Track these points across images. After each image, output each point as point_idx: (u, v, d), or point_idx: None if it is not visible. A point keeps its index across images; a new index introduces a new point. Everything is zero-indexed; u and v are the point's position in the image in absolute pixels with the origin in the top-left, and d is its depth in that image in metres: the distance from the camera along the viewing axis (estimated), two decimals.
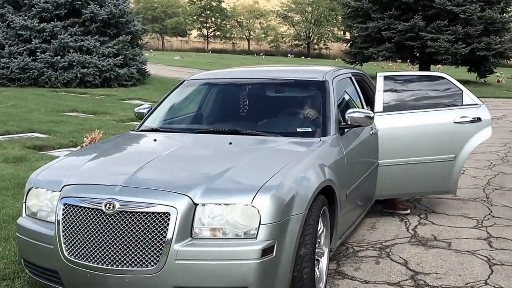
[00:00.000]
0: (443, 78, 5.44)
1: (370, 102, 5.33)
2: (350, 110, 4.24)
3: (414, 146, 5.13)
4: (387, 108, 5.15)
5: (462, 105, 5.33)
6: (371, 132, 4.81)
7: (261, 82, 4.83)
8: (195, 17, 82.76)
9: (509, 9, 32.86)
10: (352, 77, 5.18)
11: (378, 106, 5.13)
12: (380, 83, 5.26)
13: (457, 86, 5.39)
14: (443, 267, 4.13)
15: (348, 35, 37.15)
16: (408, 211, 5.53)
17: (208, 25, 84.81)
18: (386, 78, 5.33)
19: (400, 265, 4.15)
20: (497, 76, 39.09)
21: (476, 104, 5.33)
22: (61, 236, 3.12)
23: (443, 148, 5.19)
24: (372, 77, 5.87)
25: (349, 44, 35.92)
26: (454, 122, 5.20)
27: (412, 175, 5.14)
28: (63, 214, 3.14)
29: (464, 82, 35.93)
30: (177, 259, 2.90)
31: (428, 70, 34.26)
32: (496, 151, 9.40)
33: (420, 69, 34.58)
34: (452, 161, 5.20)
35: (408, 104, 5.31)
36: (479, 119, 5.23)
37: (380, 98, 5.18)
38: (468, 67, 34.01)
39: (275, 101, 4.78)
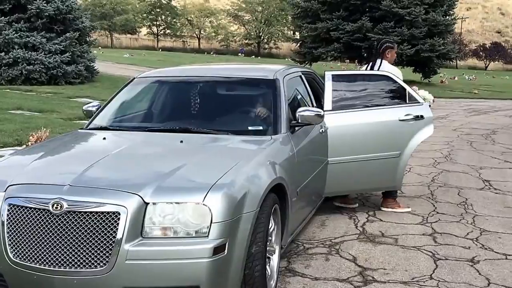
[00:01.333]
0: (388, 77, 5.58)
1: (320, 100, 5.40)
2: (300, 109, 4.29)
3: (362, 144, 5.24)
4: (336, 107, 5.23)
5: (406, 103, 5.49)
6: (321, 130, 4.88)
7: (212, 80, 4.83)
8: (144, 15, 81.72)
9: (452, 12, 33.97)
10: (303, 76, 5.24)
11: (327, 104, 5.21)
12: (328, 82, 5.34)
13: (401, 85, 5.55)
14: (390, 262, 4.24)
15: (297, 35, 37.49)
16: (357, 205, 5.79)
17: (158, 23, 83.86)
18: (334, 77, 5.41)
19: (349, 262, 4.23)
20: (441, 76, 40.38)
21: (419, 102, 5.50)
22: (6, 238, 3.01)
23: (389, 145, 5.33)
24: (321, 77, 5.95)
25: (298, 44, 36.29)
26: (399, 120, 5.35)
27: (361, 172, 5.25)
28: (8, 215, 3.04)
29: (410, 82, 36.88)
30: (127, 259, 2.85)
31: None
32: (440, 150, 9.72)
33: (367, 69, 35.29)
34: (397, 158, 5.35)
35: (356, 102, 5.42)
36: (422, 117, 5.41)
37: (329, 96, 5.26)
38: (413, 67, 34.96)
39: (226, 100, 4.78)
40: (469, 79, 51.28)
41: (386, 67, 5.98)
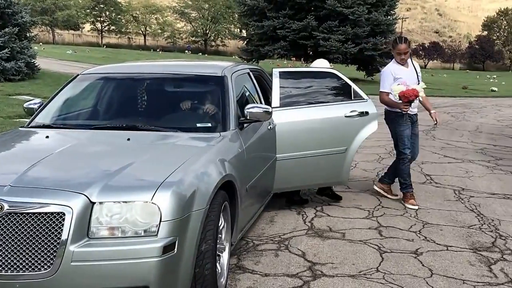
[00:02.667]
0: (333, 74, 5.69)
1: (268, 97, 5.42)
2: (249, 105, 4.29)
3: (309, 140, 5.30)
4: (284, 104, 5.27)
5: (351, 99, 5.60)
6: (269, 127, 4.90)
7: (160, 77, 4.75)
8: (88, 10, 79.62)
9: (393, 12, 34.89)
10: (251, 73, 5.25)
11: (275, 101, 5.24)
12: (276, 79, 5.37)
13: (346, 82, 5.67)
14: (338, 257, 4.31)
15: (244, 33, 37.58)
16: (398, 197, 6.15)
17: (102, 19, 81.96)
18: (282, 74, 5.45)
19: (298, 257, 4.27)
20: None
21: (363, 99, 5.64)
22: None
23: (335, 141, 5.43)
24: (269, 74, 5.97)
25: (245, 42, 36.42)
26: (345, 116, 5.45)
27: (308, 168, 5.31)
28: None
29: (354, 80, 37.62)
30: (73, 261, 2.77)
31: None
32: (384, 145, 9.95)
33: None
34: (343, 153, 5.46)
35: (303, 99, 5.48)
36: (367, 113, 5.54)
37: (277, 93, 5.29)
38: (357, 65, 35.71)
39: (174, 96, 4.72)
40: None
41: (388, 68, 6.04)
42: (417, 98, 5.77)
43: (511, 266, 4.27)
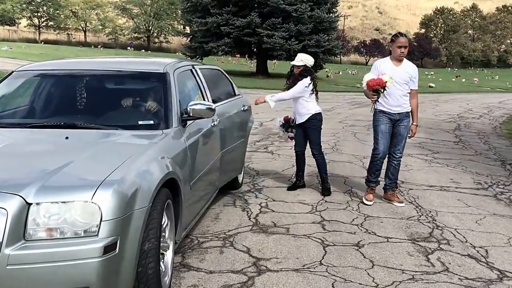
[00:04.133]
0: (219, 71, 5.92)
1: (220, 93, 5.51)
2: (192, 102, 4.26)
3: (231, 134, 5.54)
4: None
5: (236, 95, 6.20)
6: (212, 124, 4.89)
7: (100, 74, 4.64)
8: (24, 5, 76.81)
9: (335, 10, 35.51)
10: (194, 70, 5.20)
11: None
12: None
13: (228, 78, 6.08)
14: (283, 251, 4.35)
15: (188, 29, 37.28)
16: (403, 204, 5.91)
17: (39, 14, 79.28)
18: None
19: (243, 253, 4.28)
20: (326, 71, 42.12)
21: (240, 95, 6.24)
22: None
23: (241, 134, 5.94)
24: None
25: (189, 38, 36.17)
26: (243, 111, 6.01)
27: (230, 162, 5.53)
28: None
29: None
30: (8, 265, 2.67)
31: (265, 64, 35.83)
32: (327, 141, 10.10)
33: (257, 64, 35.99)
34: (244, 145, 6.10)
35: (214, 95, 5.49)
36: (249, 107, 6.38)
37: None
38: None
39: (115, 94, 4.63)
40: (352, 74, 53.99)
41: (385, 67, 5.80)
42: (385, 89, 5.56)
43: (447, 255, 4.44)
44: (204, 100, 4.90)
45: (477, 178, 7.51)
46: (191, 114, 4.20)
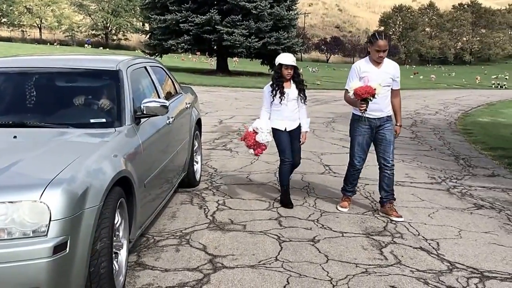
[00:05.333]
0: (161, 68, 5.81)
1: (167, 91, 5.42)
2: (145, 100, 4.22)
3: (182, 132, 5.58)
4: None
5: (179, 93, 6.17)
6: (168, 121, 4.86)
7: (51, 72, 4.54)
8: None
9: (295, 7, 35.73)
10: (148, 67, 5.16)
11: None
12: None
13: (170, 75, 6.03)
14: (239, 248, 4.36)
15: (147, 27, 36.85)
16: (402, 219, 5.34)
17: None
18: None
19: (199, 251, 4.27)
20: None
21: (181, 93, 6.21)
22: None
23: (187, 131, 5.94)
24: (167, 68, 5.92)
25: (148, 36, 35.78)
26: (186, 108, 6.00)
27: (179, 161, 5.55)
28: None
29: (259, 74, 38.14)
30: None
31: (226, 62, 35.78)
32: None
33: (218, 62, 35.91)
34: (189, 143, 5.97)
35: (165, 91, 5.55)
36: (190, 104, 6.30)
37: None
38: (261, 60, 36.19)
39: (66, 92, 4.54)
40: (312, 71, 54.50)
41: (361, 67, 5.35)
42: (375, 97, 5.07)
43: (400, 248, 4.54)
44: (158, 98, 4.87)
45: (431, 173, 7.70)
46: (144, 112, 4.17)
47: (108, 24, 79.33)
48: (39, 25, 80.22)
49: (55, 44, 68.77)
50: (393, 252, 4.43)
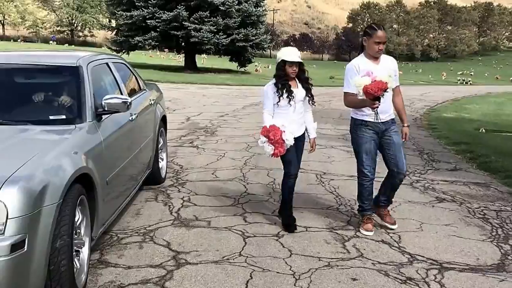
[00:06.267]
0: (125, 64, 5.76)
1: (130, 87, 5.37)
2: (107, 96, 4.19)
3: (145, 129, 5.55)
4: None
5: (142, 89, 6.11)
6: (130, 118, 4.82)
7: (9, 68, 4.47)
8: None
9: (263, 4, 35.75)
10: (110, 64, 5.11)
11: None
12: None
13: (133, 72, 5.96)
14: (203, 244, 4.37)
15: (114, 23, 36.35)
16: (396, 226, 4.99)
17: None
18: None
19: (163, 247, 4.26)
20: (256, 65, 42.42)
21: (145, 90, 6.15)
22: None
23: (152, 128, 5.92)
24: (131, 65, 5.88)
25: (114, 32, 35.30)
26: (151, 105, 5.95)
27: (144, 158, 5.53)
28: None
29: (227, 71, 38.07)
30: None
31: (194, 59, 35.60)
32: (252, 134, 10.20)
33: (186, 59, 35.71)
34: (154, 140, 5.93)
35: (128, 88, 5.48)
36: (154, 101, 6.22)
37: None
38: (229, 57, 36.12)
39: (26, 88, 4.46)
40: None
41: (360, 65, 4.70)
42: (387, 92, 4.46)
43: (362, 241, 4.61)
44: (121, 94, 4.83)
45: None
46: (106, 109, 4.14)
47: (74, 21, 78.07)
48: (1, 21, 78.40)
49: (19, 40, 67.33)
50: (356, 246, 4.50)
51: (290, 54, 4.70)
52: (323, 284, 3.72)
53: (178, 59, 45.50)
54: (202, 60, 43.24)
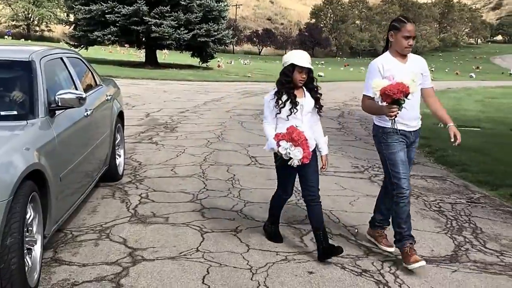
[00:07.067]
0: (80, 59, 5.66)
1: (86, 83, 5.27)
2: (60, 92, 4.11)
3: (101, 125, 5.49)
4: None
5: (98, 84, 6.01)
6: (86, 114, 4.74)
7: None
8: None
9: None
10: (64, 58, 5.00)
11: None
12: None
13: (89, 67, 5.88)
14: (160, 241, 4.33)
15: (72, 17, 35.58)
16: (393, 249, 4.37)
17: None
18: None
19: (119, 244, 4.20)
20: (218, 61, 42.28)
21: (101, 85, 6.07)
22: None
23: (108, 124, 5.83)
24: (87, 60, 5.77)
25: (72, 27, 34.54)
26: (107, 100, 5.90)
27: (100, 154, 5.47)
28: None
29: (189, 67, 37.82)
30: None
31: (155, 54, 35.22)
32: (213, 130, 10.19)
33: (146, 54, 35.30)
34: (110, 136, 5.86)
35: (83, 83, 5.40)
36: (112, 96, 6.17)
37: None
38: (191, 52, 35.87)
39: None
40: (244, 64, 54.74)
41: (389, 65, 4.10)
42: (408, 98, 3.81)
43: None
44: (75, 89, 4.74)
45: (355, 162, 7.93)
46: (59, 104, 4.05)
47: (30, 15, 76.10)
48: None
49: None
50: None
51: (302, 58, 4.03)
52: (280, 277, 3.75)
53: (139, 55, 44.92)
54: (163, 56, 42.81)
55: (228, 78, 29.65)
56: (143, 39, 33.44)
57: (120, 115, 6.44)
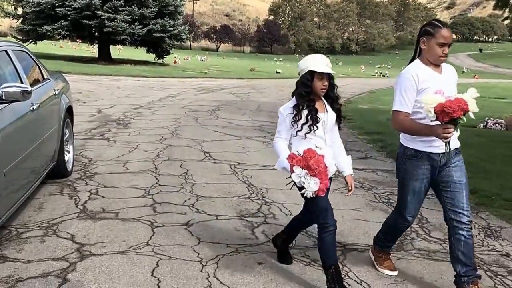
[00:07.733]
0: (25, 52, 5.54)
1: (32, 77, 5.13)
2: (5, 85, 4.01)
3: (48, 120, 5.35)
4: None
5: (45, 79, 5.88)
6: (32, 108, 4.62)
7: None
8: None
9: None
10: (9, 51, 4.86)
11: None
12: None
13: (35, 61, 5.76)
14: (109, 236, 4.27)
15: (20, 11, 34.49)
16: (396, 273, 3.95)
17: None
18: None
19: (66, 240, 4.12)
20: (174, 57, 41.93)
21: (49, 79, 5.97)
22: None
23: (56, 119, 5.70)
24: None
25: (20, 20, 33.44)
26: (55, 95, 5.82)
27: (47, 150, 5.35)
28: None
29: (144, 63, 37.39)
30: None
31: (108, 50, 34.63)
32: (167, 126, 10.12)
33: (99, 49, 34.65)
34: (58, 132, 5.74)
35: (29, 77, 5.26)
36: (60, 91, 6.10)
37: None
38: (146, 48, 35.41)
39: None
40: (201, 60, 54.49)
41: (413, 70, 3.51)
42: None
43: (271, 228, 4.69)
44: (21, 83, 4.62)
45: None
46: (3, 98, 3.95)
47: None
48: None
49: None
50: (264, 232, 4.57)
51: (321, 63, 3.42)
52: (229, 268, 3.76)
53: (92, 50, 44.00)
54: (117, 51, 42.11)
55: (184, 75, 29.45)
56: (96, 34, 32.77)
57: (69, 110, 6.31)
